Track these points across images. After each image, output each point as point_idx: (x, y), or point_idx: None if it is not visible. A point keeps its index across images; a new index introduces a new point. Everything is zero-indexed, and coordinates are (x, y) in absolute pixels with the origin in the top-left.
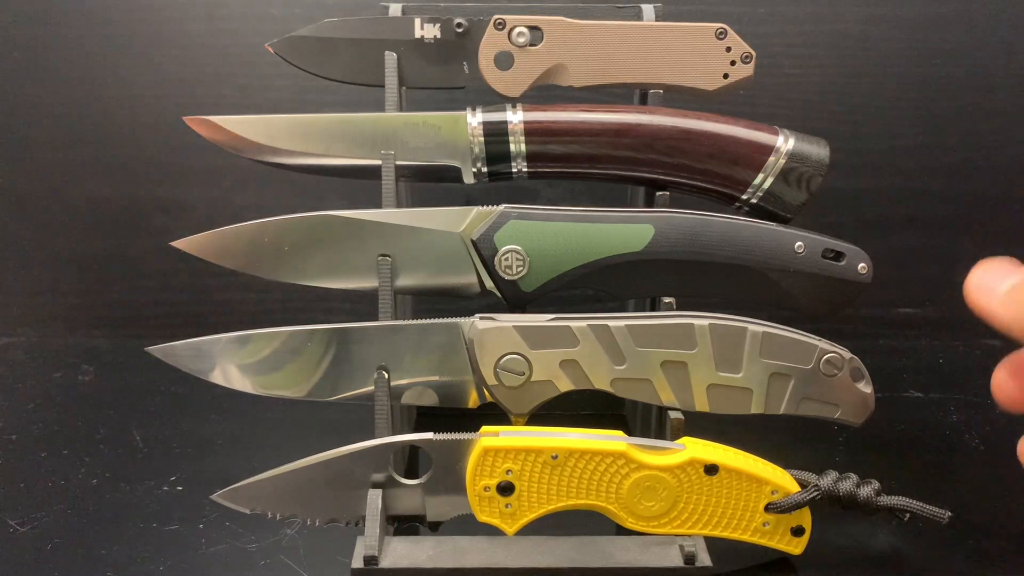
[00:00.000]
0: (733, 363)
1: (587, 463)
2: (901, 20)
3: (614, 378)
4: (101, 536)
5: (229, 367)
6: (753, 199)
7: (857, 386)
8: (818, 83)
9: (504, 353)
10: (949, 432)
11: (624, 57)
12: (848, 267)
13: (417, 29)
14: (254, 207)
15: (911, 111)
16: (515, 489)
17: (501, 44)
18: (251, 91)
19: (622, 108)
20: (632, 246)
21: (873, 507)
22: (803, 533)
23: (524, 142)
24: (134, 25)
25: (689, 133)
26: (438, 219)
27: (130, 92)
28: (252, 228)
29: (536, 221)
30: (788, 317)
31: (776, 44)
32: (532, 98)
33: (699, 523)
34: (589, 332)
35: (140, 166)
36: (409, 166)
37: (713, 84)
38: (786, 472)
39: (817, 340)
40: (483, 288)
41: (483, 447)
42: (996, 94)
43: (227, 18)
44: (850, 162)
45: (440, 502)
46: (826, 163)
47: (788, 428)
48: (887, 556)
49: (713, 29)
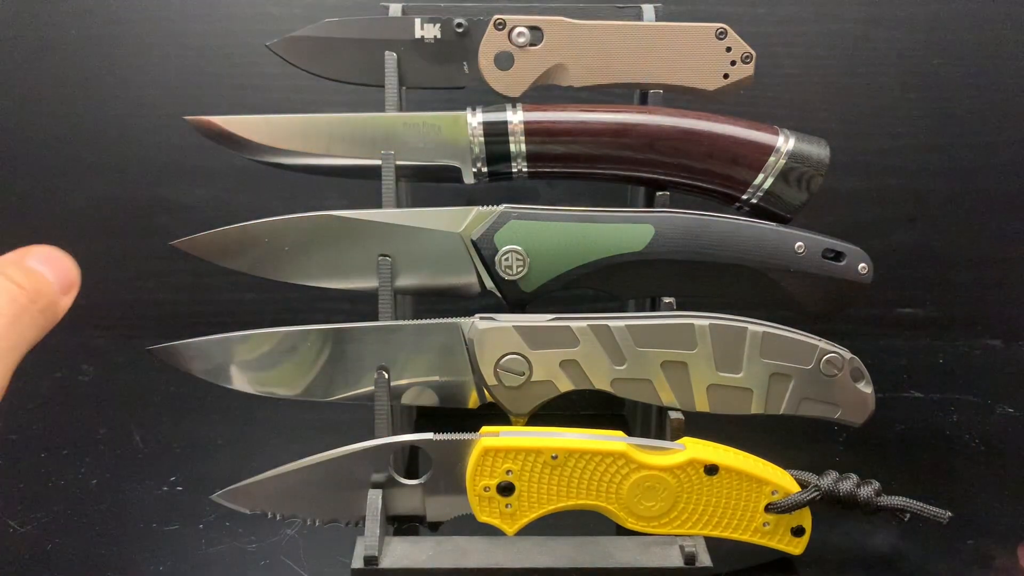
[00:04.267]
0: (733, 363)
1: (587, 463)
2: (901, 20)
3: (614, 378)
4: (101, 536)
5: (229, 367)
6: (753, 199)
7: (857, 386)
8: (818, 83)
9: (504, 353)
10: (949, 432)
11: (624, 57)
12: (848, 267)
13: (417, 29)
14: (254, 207)
15: (911, 111)
16: (515, 489)
17: (501, 44)
18: (251, 91)
19: (622, 108)
20: (632, 246)
21: (873, 507)
22: (803, 533)
23: (524, 142)
24: (134, 25)
25: (689, 133)
26: (438, 219)
27: (130, 92)
28: (252, 228)
29: (536, 221)
30: (788, 317)
31: (776, 44)
32: (532, 98)
33: (699, 523)
34: (589, 332)
35: (140, 166)
36: (409, 166)
37: (713, 84)
38: (786, 472)
39: (817, 340)
40: (483, 288)
41: (483, 447)
42: (996, 94)
43: (227, 18)
44: (850, 162)
45: (440, 502)
46: (826, 163)
47: (788, 428)
48: (887, 556)
49: (713, 29)
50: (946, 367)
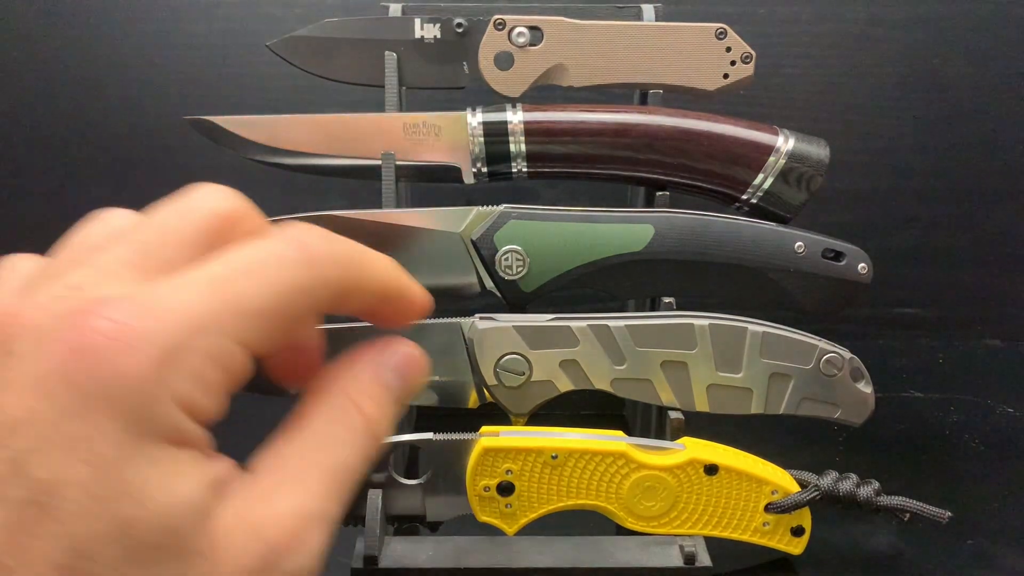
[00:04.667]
0: (733, 363)
1: (587, 463)
2: (901, 20)
3: (614, 378)
4: None
5: None
6: (753, 199)
7: (857, 386)
8: (818, 83)
9: (504, 353)
10: (949, 432)
11: (624, 57)
12: (848, 267)
13: (417, 29)
14: None
15: (911, 111)
16: (515, 489)
17: (501, 44)
18: (251, 91)
19: (622, 108)
20: (632, 246)
21: (873, 507)
22: (803, 533)
23: (524, 142)
24: (134, 25)
25: (689, 133)
26: (438, 219)
27: (130, 92)
28: None
29: (536, 221)
30: (788, 317)
31: (776, 44)
32: (532, 98)
33: (699, 523)
34: (589, 332)
35: (140, 166)
36: (409, 166)
37: (713, 84)
38: (786, 472)
39: (817, 340)
40: (483, 288)
41: (483, 447)
42: (996, 94)
43: (227, 18)
44: (850, 162)
45: (440, 502)
46: (826, 163)
47: (788, 428)
48: (887, 556)
49: (713, 29)
50: (946, 367)
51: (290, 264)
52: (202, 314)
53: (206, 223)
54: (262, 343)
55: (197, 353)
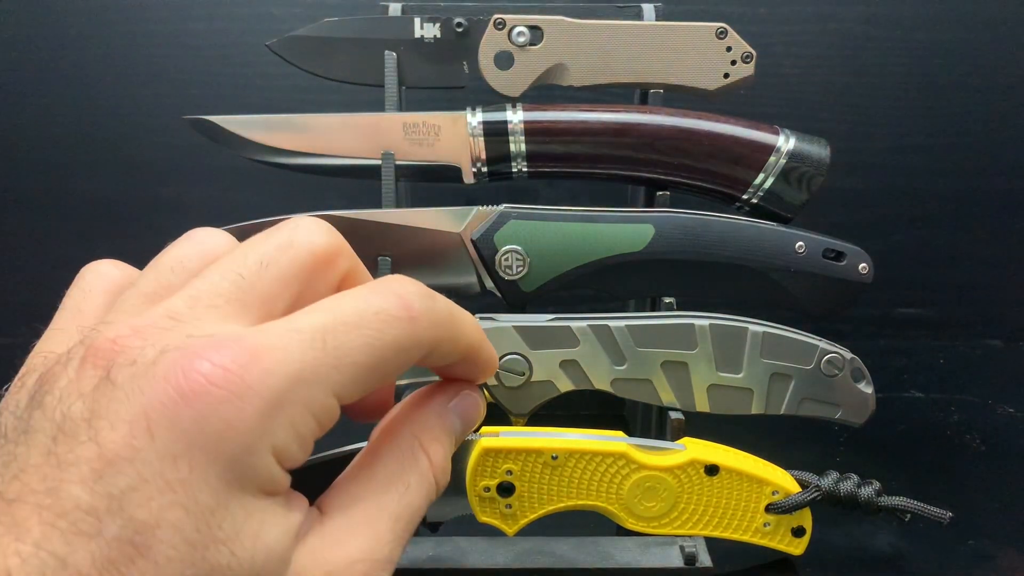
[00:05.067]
0: (733, 363)
1: (587, 463)
2: (901, 20)
3: (614, 378)
4: None
5: None
6: (754, 199)
7: (858, 386)
8: (818, 83)
9: (504, 353)
10: (949, 432)
11: (624, 57)
12: (848, 267)
13: (417, 29)
14: (254, 207)
15: (911, 111)
16: (515, 490)
17: (501, 44)
18: (251, 91)
19: (622, 108)
20: (632, 246)
21: (874, 507)
22: (804, 534)
23: (524, 142)
24: (134, 25)
25: (689, 133)
26: (438, 219)
27: (130, 92)
28: (251, 229)
29: (536, 221)
30: (788, 317)
31: (776, 44)
32: (532, 98)
33: (700, 524)
34: (589, 332)
35: (140, 166)
36: (409, 166)
37: (713, 84)
38: (787, 472)
39: (817, 340)
40: (483, 288)
41: (483, 447)
42: (996, 94)
43: (227, 18)
44: (851, 162)
45: (440, 502)
46: (826, 163)
47: (788, 428)
48: (888, 556)
49: (713, 29)
50: (946, 367)
51: (393, 323)
52: (306, 367)
53: (303, 260)
54: (355, 395)
55: (298, 406)
